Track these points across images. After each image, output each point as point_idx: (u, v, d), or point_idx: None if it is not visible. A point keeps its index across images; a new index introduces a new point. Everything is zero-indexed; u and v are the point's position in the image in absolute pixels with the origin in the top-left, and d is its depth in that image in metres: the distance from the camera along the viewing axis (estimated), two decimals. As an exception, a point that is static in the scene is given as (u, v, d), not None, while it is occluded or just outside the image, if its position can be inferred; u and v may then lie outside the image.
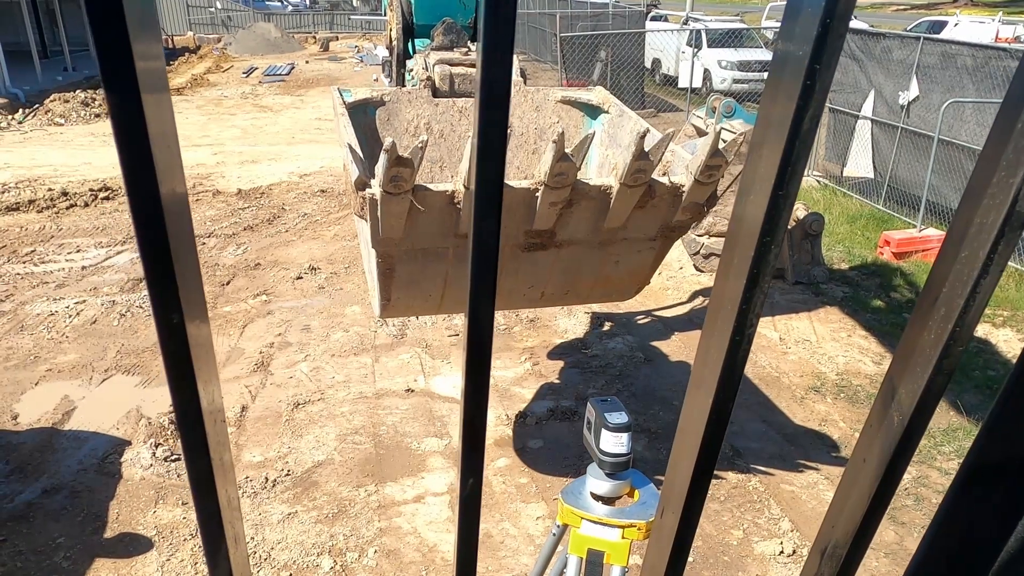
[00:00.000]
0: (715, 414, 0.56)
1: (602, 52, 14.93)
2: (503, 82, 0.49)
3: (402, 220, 3.16)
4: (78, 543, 4.32)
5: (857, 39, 11.76)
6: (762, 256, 0.48)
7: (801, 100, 0.45)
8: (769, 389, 6.17)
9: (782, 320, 7.42)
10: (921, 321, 0.51)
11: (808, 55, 0.43)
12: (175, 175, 0.50)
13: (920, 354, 0.52)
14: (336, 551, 4.34)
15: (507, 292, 3.87)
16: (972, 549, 0.61)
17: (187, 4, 32.50)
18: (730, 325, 0.51)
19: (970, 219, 0.47)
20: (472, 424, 0.59)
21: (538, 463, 5.17)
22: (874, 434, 0.57)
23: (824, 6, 0.42)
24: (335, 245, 9.06)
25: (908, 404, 0.53)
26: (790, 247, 8.16)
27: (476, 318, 0.56)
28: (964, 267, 0.48)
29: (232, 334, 6.87)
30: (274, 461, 5.10)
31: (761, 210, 0.47)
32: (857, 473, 0.58)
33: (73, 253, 8.64)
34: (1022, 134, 0.43)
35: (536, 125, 4.76)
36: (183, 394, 0.51)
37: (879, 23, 29.43)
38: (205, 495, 0.56)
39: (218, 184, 11.61)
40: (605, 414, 2.30)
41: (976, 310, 0.48)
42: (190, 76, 22.77)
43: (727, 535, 4.57)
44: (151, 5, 0.47)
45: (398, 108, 4.56)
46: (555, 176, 3.12)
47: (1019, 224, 0.45)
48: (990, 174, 0.45)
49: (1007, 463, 0.56)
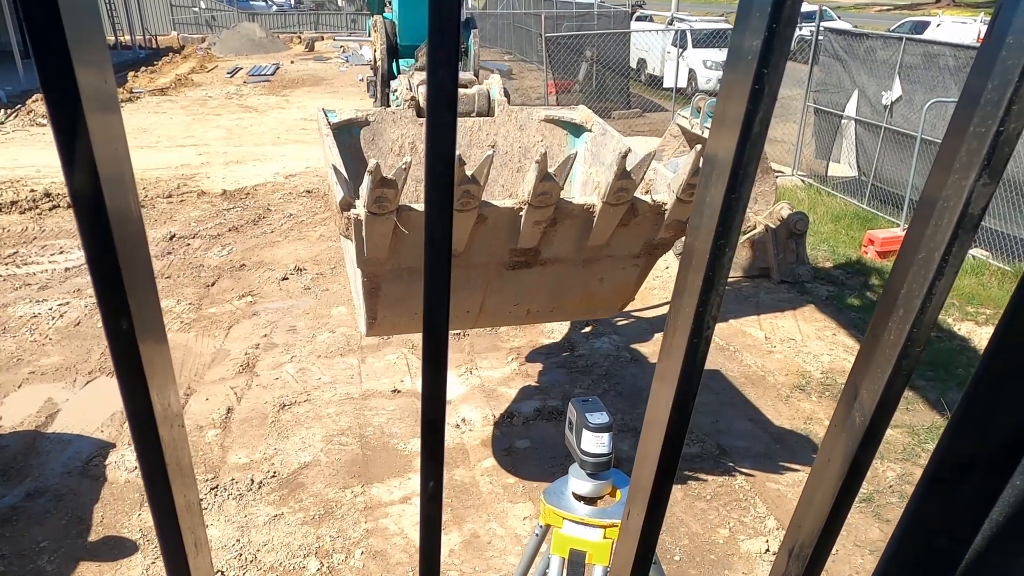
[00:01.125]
0: (676, 413, 0.57)
1: (587, 52, 14.96)
2: (451, 85, 0.50)
3: (387, 240, 3.18)
4: (62, 547, 4.30)
5: (841, 39, 11.84)
6: (717, 259, 0.48)
7: (751, 104, 0.46)
8: (755, 388, 6.20)
9: (767, 319, 7.46)
10: (881, 322, 0.52)
11: (756, 59, 0.44)
12: (123, 181, 0.50)
13: (880, 355, 0.53)
14: (323, 552, 4.33)
15: (493, 310, 3.90)
16: (942, 545, 0.61)
17: (171, 4, 32.33)
18: (688, 326, 0.51)
19: (926, 221, 0.48)
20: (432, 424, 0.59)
21: (525, 463, 5.18)
22: (837, 434, 0.58)
23: (770, 12, 0.43)
24: (321, 246, 9.03)
25: (869, 404, 0.54)
26: (775, 246, 8.20)
27: (432, 319, 0.56)
28: (921, 269, 0.48)
29: (217, 335, 6.84)
30: (260, 463, 5.09)
31: (715, 213, 0.47)
32: (822, 473, 0.59)
33: (56, 254, 8.58)
34: (974, 137, 0.44)
35: (520, 144, 4.81)
36: (135, 401, 0.51)
37: (862, 23, 29.61)
38: (161, 501, 0.56)
39: (203, 185, 11.55)
40: (586, 414, 2.30)
41: (932, 311, 0.49)
42: (174, 76, 22.65)
43: (713, 533, 4.59)
44: (96, 19, 0.47)
45: (383, 128, 4.60)
46: (539, 195, 3.16)
47: (972, 226, 0.46)
48: (944, 177, 0.46)
49: (974, 459, 0.57)
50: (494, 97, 4.78)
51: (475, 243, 3.39)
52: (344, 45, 30.22)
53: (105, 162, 0.47)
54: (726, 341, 6.98)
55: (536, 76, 19.36)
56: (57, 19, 0.42)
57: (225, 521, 4.55)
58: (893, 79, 10.51)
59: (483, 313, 3.89)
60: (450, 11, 0.47)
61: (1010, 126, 0.43)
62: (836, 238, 9.74)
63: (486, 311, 3.87)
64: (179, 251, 8.78)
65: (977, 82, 0.43)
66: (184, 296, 7.57)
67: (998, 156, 0.43)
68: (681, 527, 4.63)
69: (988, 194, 0.45)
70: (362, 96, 18.76)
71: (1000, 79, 0.42)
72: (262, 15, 34.58)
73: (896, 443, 5.45)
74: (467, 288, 3.66)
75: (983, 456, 0.57)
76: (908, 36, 12.37)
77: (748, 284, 8.23)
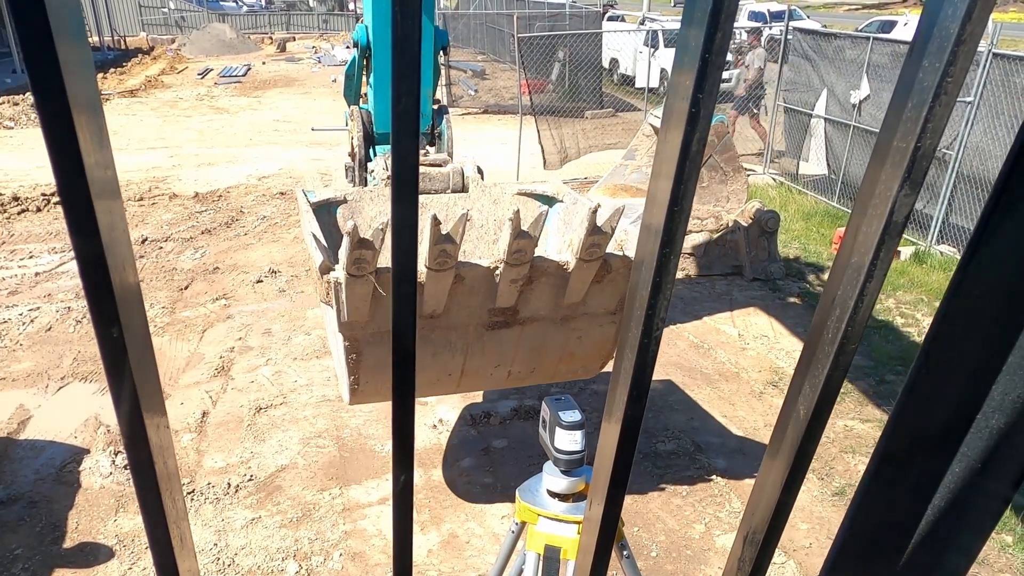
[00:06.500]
0: (631, 407, 0.60)
1: (560, 52, 15.01)
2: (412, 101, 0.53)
3: (367, 303, 3.23)
4: (37, 553, 4.26)
5: (809, 39, 11.99)
6: (663, 266, 0.52)
7: (688, 125, 0.49)
8: (728, 384, 6.28)
9: (740, 316, 7.55)
10: (820, 322, 0.56)
11: (692, 84, 0.48)
12: (111, 191, 0.52)
13: (820, 351, 0.57)
14: (301, 555, 4.33)
15: (474, 372, 3.95)
16: (889, 529, 0.65)
17: (139, 4, 31.93)
18: (639, 328, 0.55)
19: (858, 228, 0.52)
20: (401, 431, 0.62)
21: (503, 462, 5.21)
22: (784, 426, 0.62)
23: (703, 42, 0.47)
24: (295, 248, 9.00)
25: (811, 397, 0.58)
26: (747, 244, 8.30)
27: (400, 334, 0.59)
28: (854, 272, 0.53)
29: (192, 339, 6.80)
30: (237, 466, 5.07)
31: (660, 225, 0.51)
32: (772, 463, 0.63)
33: (26, 259, 8.47)
34: (896, 152, 0.47)
35: (495, 217, 4.97)
36: (126, 405, 0.54)
37: (831, 23, 29.99)
38: (151, 500, 0.59)
39: (174, 187, 11.45)
40: (559, 412, 2.34)
41: (864, 312, 0.53)
42: (144, 78, 22.40)
43: (689, 529, 4.65)
44: (78, 21, 0.49)
45: (361, 206, 4.73)
46: (514, 253, 3.23)
47: (896, 232, 0.50)
48: (872, 188, 0.50)
49: (916, 445, 0.61)
50: (468, 174, 4.95)
51: (453, 303, 3.46)
52: (316, 46, 30.06)
53: (93, 168, 0.49)
54: (700, 339, 7.06)
55: (509, 76, 19.40)
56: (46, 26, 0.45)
57: (202, 525, 4.54)
58: (861, 78, 10.67)
59: (465, 376, 3.94)
60: (410, 34, 0.50)
61: (927, 142, 0.47)
62: (807, 235, 9.88)
63: (467, 373, 3.92)
64: (151, 254, 8.70)
65: (899, 100, 0.47)
66: (157, 300, 7.52)
67: (917, 169, 0.47)
68: (658, 523, 4.68)
69: (910, 203, 0.49)
70: (335, 96, 18.65)
71: (918, 99, 0.46)
72: (232, 16, 34.24)
73: (867, 437, 5.55)
74: (447, 350, 3.72)
75: (924, 442, 0.61)
76: (876, 35, 12.57)
77: (721, 282, 8.33)
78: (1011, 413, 0.57)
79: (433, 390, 4.31)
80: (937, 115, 0.45)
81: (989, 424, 0.59)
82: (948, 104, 0.45)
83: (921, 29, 0.45)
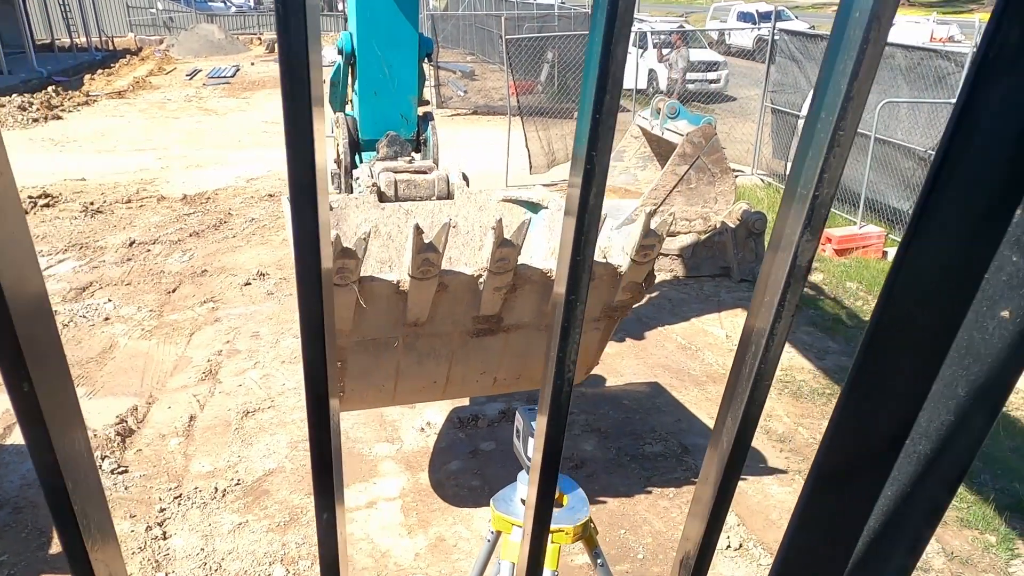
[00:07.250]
0: (552, 430, 0.63)
1: (549, 53, 15.03)
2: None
3: (350, 311, 3.27)
4: (22, 559, 4.26)
5: (796, 40, 12.06)
6: (570, 312, 0.54)
7: (584, 180, 0.52)
8: (716, 386, 6.31)
9: (728, 317, 7.59)
10: (740, 357, 0.58)
11: (585, 144, 0.50)
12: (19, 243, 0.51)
13: (739, 386, 0.59)
14: (288, 559, 4.34)
15: (460, 379, 3.98)
16: (830, 544, 0.67)
17: (127, 5, 31.77)
18: (552, 368, 0.57)
19: (769, 269, 0.54)
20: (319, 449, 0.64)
21: (490, 465, 5.22)
22: (712, 456, 0.64)
23: (593, 105, 0.49)
24: (283, 250, 8.99)
25: (732, 428, 0.60)
26: (735, 246, 8.34)
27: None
28: (766, 311, 0.54)
29: (179, 342, 6.79)
30: (224, 470, 5.08)
31: (564, 272, 0.53)
32: (702, 491, 0.65)
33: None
34: (798, 200, 0.49)
35: (480, 224, 5.03)
36: (40, 452, 0.54)
37: (820, 23, 30.10)
38: (72, 540, 0.59)
39: (163, 189, 11.43)
40: (531, 423, 2.36)
41: (775, 350, 0.55)
42: (132, 79, 22.33)
43: (676, 531, 4.68)
44: None
45: (346, 213, 4.76)
46: (497, 261, 3.25)
47: (801, 276, 0.52)
48: (781, 232, 0.52)
49: (854, 459, 0.63)
50: (453, 181, 4.99)
51: (438, 312, 3.49)
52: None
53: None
54: (688, 340, 7.09)
55: (498, 77, 19.41)
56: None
57: (189, 530, 4.54)
58: (847, 79, 10.71)
59: (450, 383, 3.98)
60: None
61: (823, 191, 0.49)
62: (794, 236, 9.92)
63: (453, 381, 3.95)
64: (139, 257, 8.69)
65: (803, 149, 0.49)
66: (145, 303, 7.51)
67: (816, 216, 0.49)
68: (644, 525, 4.71)
69: (812, 248, 0.51)
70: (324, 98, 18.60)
71: (815, 151, 0.48)
72: (220, 16, 34.09)
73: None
74: (432, 358, 3.75)
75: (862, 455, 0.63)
76: (862, 36, 12.59)
77: (709, 283, 8.37)
78: (936, 440, 0.59)
79: (419, 397, 4.33)
80: (832, 165, 0.47)
81: (917, 450, 0.60)
82: (841, 156, 0.47)
83: (820, 83, 0.47)
